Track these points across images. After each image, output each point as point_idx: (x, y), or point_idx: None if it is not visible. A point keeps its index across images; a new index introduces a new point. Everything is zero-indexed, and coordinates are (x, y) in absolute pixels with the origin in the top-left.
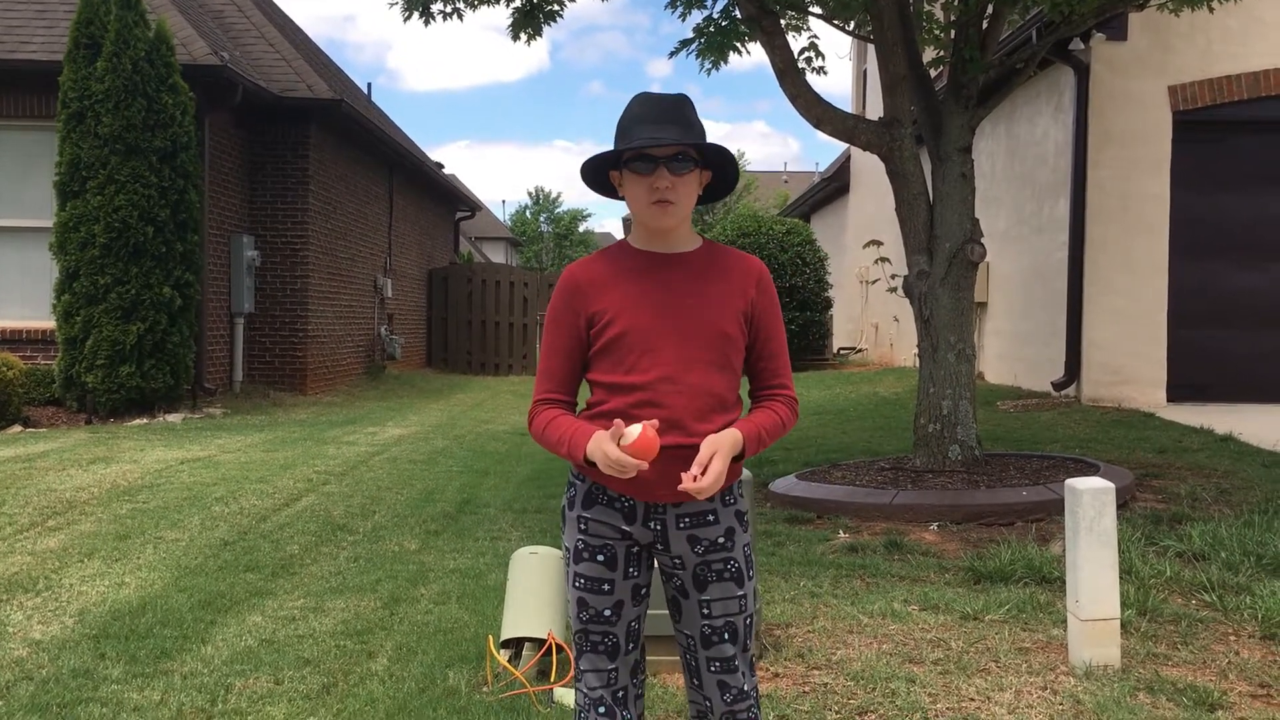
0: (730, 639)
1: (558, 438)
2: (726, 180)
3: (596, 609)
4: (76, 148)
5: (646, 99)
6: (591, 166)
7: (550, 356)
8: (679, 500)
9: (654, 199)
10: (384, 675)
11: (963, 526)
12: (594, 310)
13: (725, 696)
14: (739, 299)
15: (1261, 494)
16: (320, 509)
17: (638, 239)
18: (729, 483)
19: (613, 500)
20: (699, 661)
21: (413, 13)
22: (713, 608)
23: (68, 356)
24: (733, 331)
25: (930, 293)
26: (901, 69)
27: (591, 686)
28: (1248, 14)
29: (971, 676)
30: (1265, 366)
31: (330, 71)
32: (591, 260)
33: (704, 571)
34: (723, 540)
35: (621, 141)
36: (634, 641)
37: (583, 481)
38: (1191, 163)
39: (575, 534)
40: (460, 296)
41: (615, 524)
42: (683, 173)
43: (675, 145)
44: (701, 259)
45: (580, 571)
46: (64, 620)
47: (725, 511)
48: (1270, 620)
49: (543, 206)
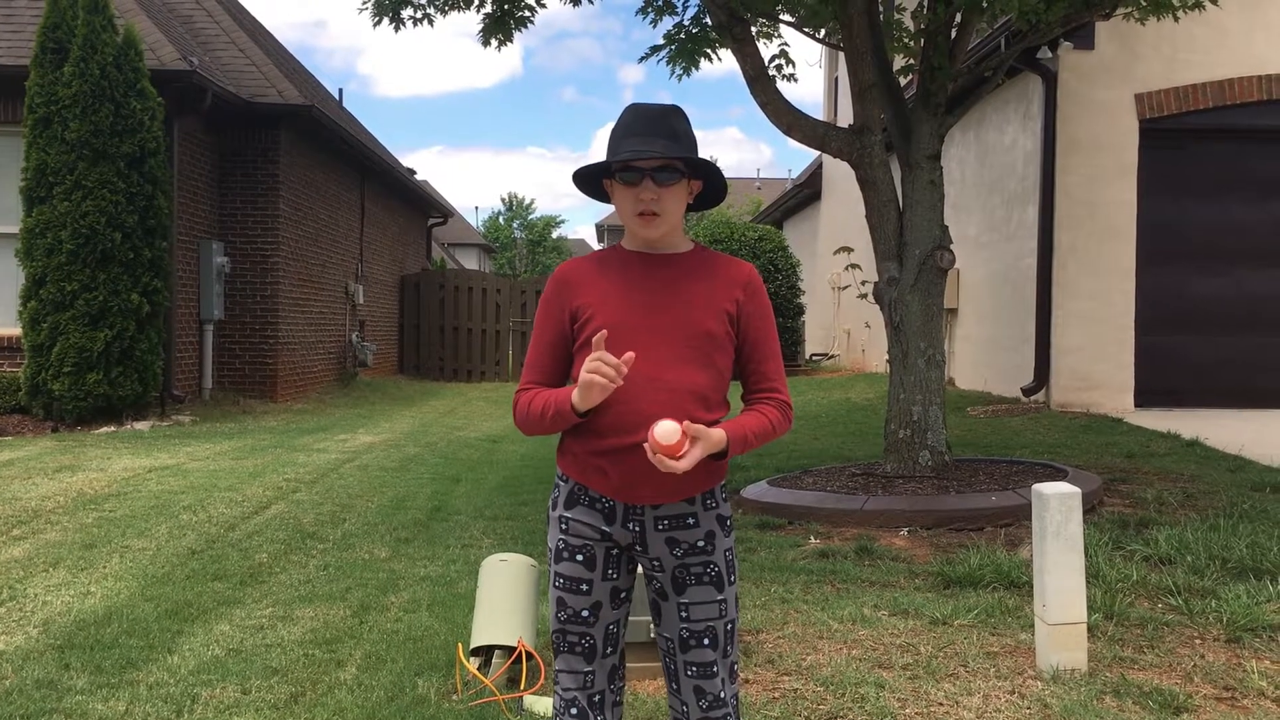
0: (710, 644)
1: (541, 406)
2: (717, 189)
3: (575, 609)
4: (43, 153)
5: (636, 111)
6: (583, 177)
7: (536, 349)
8: (658, 502)
9: (639, 210)
10: (353, 684)
11: (933, 531)
12: (577, 304)
13: (701, 703)
14: (724, 299)
15: (1227, 498)
16: (290, 517)
17: (629, 241)
18: (712, 485)
19: (593, 501)
20: (677, 665)
21: (382, 18)
22: (691, 611)
23: (34, 364)
24: (716, 331)
25: (900, 299)
26: (871, 77)
27: (566, 688)
28: (1213, 23)
29: (940, 681)
30: (1231, 371)
31: (301, 77)
32: (583, 259)
33: (683, 574)
34: (702, 544)
35: (611, 153)
36: (612, 645)
37: (566, 482)
38: (1158, 170)
39: (557, 534)
40: (433, 303)
41: (595, 524)
42: (669, 184)
43: (660, 159)
44: (690, 260)
45: (560, 571)
46: (28, 630)
47: (706, 515)
48: (1235, 623)
49: (516, 213)
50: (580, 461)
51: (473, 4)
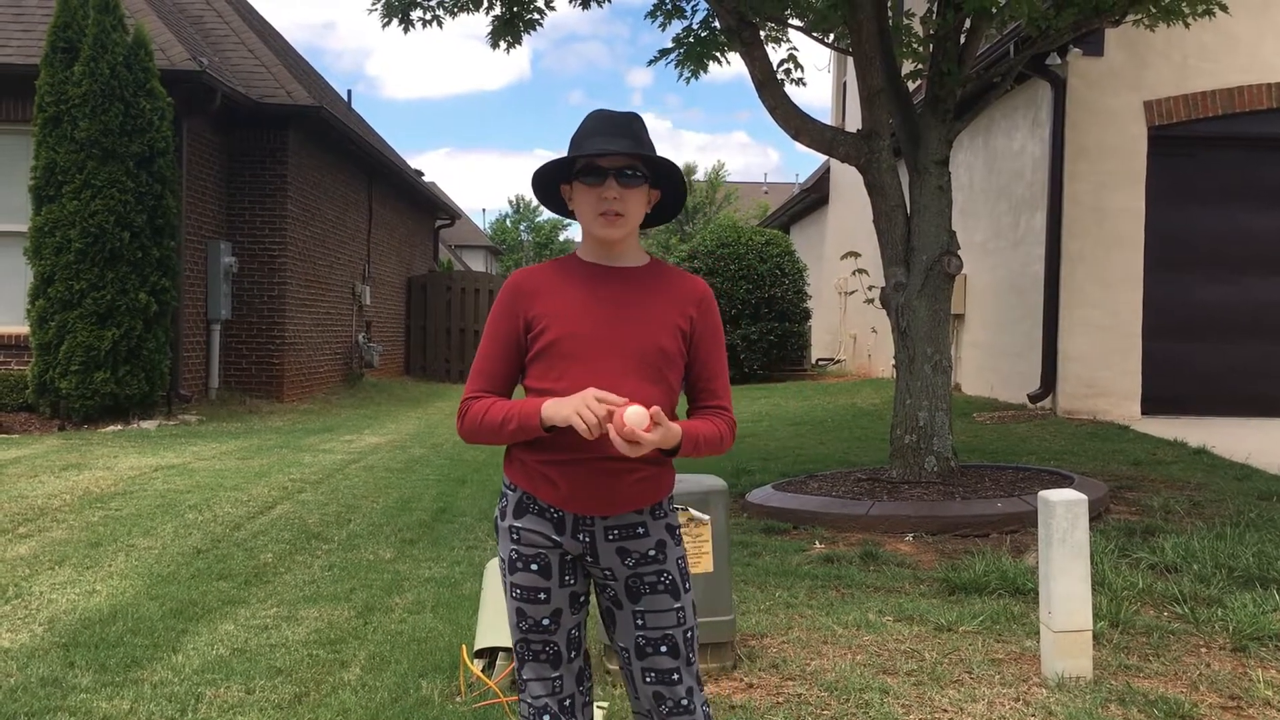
0: (669, 653)
1: (502, 417)
2: (676, 199)
3: (535, 618)
4: (53, 152)
5: (599, 115)
6: (541, 178)
7: (485, 358)
8: (607, 514)
9: (602, 209)
10: (357, 685)
11: (938, 538)
12: (532, 314)
13: (662, 708)
14: (678, 316)
15: (1233, 507)
16: (295, 517)
17: (585, 251)
18: (660, 497)
19: (543, 510)
20: (634, 672)
21: (392, 19)
22: (647, 619)
23: (41, 362)
24: (670, 347)
25: (907, 304)
26: (879, 82)
27: (536, 695)
28: (1223, 31)
29: (945, 687)
30: (1238, 380)
31: (310, 78)
32: (537, 268)
33: (636, 584)
34: (654, 553)
35: (574, 154)
36: (575, 649)
37: (514, 491)
38: (1166, 177)
39: (509, 544)
40: (439, 305)
41: (546, 533)
42: (631, 185)
43: (624, 158)
44: (645, 275)
45: (516, 582)
46: (33, 628)
47: (655, 525)
48: (1241, 632)
49: (523, 215)
50: (529, 470)
51: (482, 6)
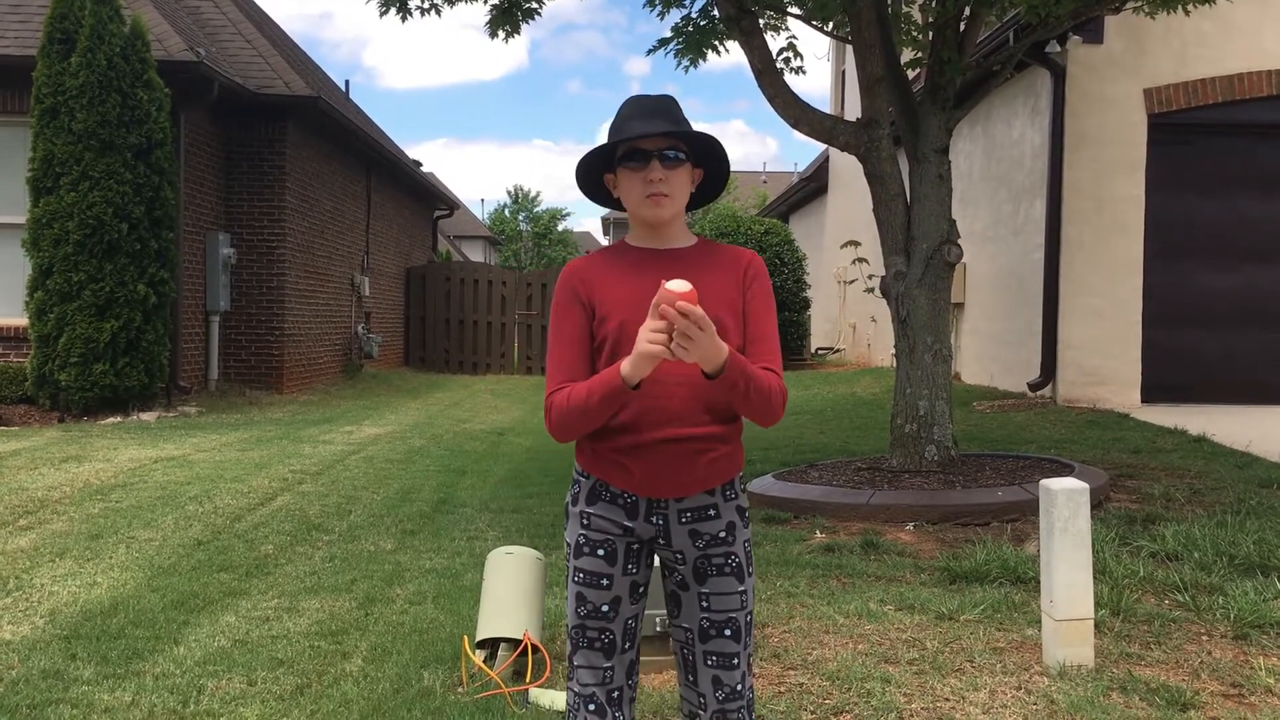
0: (732, 635)
1: (585, 393)
2: (720, 176)
3: (595, 604)
4: (50, 143)
5: (635, 100)
6: (585, 170)
7: (559, 347)
8: (680, 495)
9: (648, 192)
10: (358, 676)
11: (939, 526)
12: (594, 300)
13: (718, 693)
14: (733, 290)
15: (1234, 495)
16: (296, 508)
17: (634, 237)
18: (732, 474)
19: (615, 496)
20: (696, 656)
21: (390, 8)
22: (713, 601)
23: (40, 354)
24: (728, 321)
25: (907, 293)
26: (879, 70)
27: (585, 683)
28: (1223, 18)
29: (946, 676)
30: (1238, 368)
31: (307, 68)
32: (589, 257)
33: (704, 565)
34: (724, 534)
35: (615, 139)
36: (630, 640)
37: (586, 479)
38: (1166, 165)
39: (577, 529)
40: (438, 295)
41: (618, 520)
42: (675, 165)
43: (666, 139)
44: (696, 253)
45: (580, 566)
46: (34, 620)
47: (726, 506)
48: (1242, 620)
49: (522, 205)
50: (601, 458)
51: None
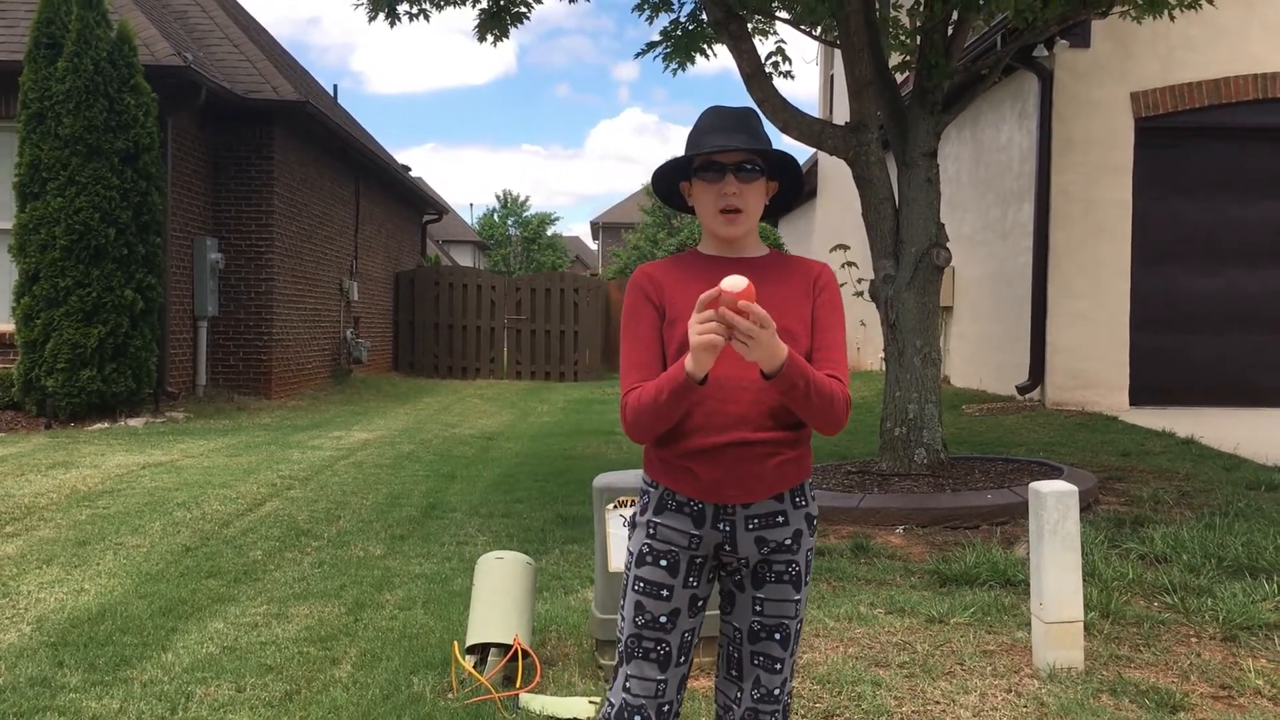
0: (780, 640)
1: (654, 392)
2: (795, 189)
3: (653, 614)
4: (37, 149)
5: (716, 111)
6: (662, 177)
7: (632, 348)
8: (748, 500)
9: (721, 206)
10: (348, 682)
11: (928, 530)
12: (664, 302)
13: (754, 692)
14: (803, 299)
15: (1222, 497)
16: (284, 514)
17: (706, 245)
18: (801, 479)
19: (681, 505)
20: (742, 655)
21: (378, 13)
22: (766, 607)
23: (27, 360)
24: (795, 329)
25: (896, 297)
26: (867, 74)
27: (635, 694)
28: (1209, 22)
29: (937, 679)
30: (1225, 370)
31: (295, 73)
32: (660, 262)
33: (764, 570)
34: (789, 542)
35: (691, 151)
36: (685, 655)
37: (655, 489)
38: (1153, 168)
39: (643, 538)
40: (427, 300)
41: (685, 529)
42: (750, 180)
43: (742, 153)
44: (767, 263)
45: (641, 575)
46: (21, 628)
47: (795, 513)
48: (1231, 622)
49: (511, 210)
50: (669, 465)
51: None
